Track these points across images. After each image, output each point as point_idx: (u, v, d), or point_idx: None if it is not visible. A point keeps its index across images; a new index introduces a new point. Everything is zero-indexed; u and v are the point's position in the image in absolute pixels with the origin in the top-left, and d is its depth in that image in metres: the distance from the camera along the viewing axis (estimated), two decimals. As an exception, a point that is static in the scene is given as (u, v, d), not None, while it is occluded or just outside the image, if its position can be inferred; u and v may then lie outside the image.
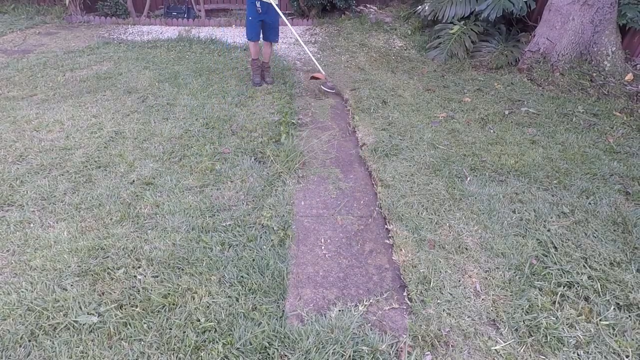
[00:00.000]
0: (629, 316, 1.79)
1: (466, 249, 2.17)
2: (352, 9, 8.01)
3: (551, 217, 2.41)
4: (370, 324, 1.76)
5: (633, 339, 1.69)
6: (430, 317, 1.78)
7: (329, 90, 4.45)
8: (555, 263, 2.06)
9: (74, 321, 1.70)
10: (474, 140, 3.32)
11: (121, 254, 2.07)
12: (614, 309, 1.82)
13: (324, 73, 4.48)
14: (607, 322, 1.76)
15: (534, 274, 2.01)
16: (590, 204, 2.54)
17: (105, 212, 2.38)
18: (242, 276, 1.96)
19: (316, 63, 4.54)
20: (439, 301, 1.86)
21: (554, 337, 1.69)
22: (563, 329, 1.72)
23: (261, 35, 4.27)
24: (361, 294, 1.94)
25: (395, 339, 1.69)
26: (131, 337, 1.65)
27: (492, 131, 3.51)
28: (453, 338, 1.70)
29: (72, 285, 1.88)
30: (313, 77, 4.47)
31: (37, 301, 1.78)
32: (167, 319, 1.73)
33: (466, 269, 2.05)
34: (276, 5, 4.00)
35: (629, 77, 4.36)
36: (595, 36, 4.48)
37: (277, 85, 4.53)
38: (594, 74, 4.44)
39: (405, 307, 1.87)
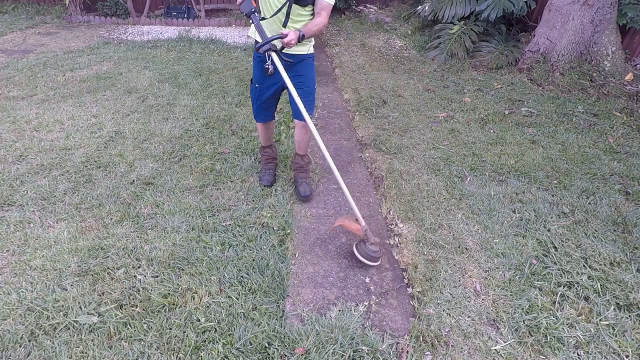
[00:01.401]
0: (629, 316, 1.79)
1: (466, 249, 2.17)
2: (352, 9, 8.02)
3: (551, 217, 2.41)
4: (370, 324, 1.76)
5: (633, 339, 1.69)
6: (430, 317, 1.78)
7: (369, 263, 2.05)
8: (555, 263, 2.06)
9: (74, 321, 1.70)
10: (474, 140, 3.32)
11: (121, 254, 2.07)
12: (614, 309, 1.82)
13: (363, 224, 2.06)
14: (607, 322, 1.76)
15: (534, 274, 2.01)
16: (590, 204, 2.54)
17: (105, 212, 2.38)
18: (242, 276, 1.96)
19: (352, 204, 2.10)
20: (439, 301, 1.86)
21: (554, 337, 1.69)
22: (563, 329, 1.72)
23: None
24: (361, 294, 1.94)
25: (395, 339, 1.69)
26: (131, 337, 1.65)
27: (492, 131, 3.51)
28: (453, 338, 1.70)
29: (72, 285, 1.88)
30: (341, 225, 2.16)
31: (37, 301, 1.78)
32: (167, 319, 1.73)
33: (466, 269, 2.05)
34: (276, 57, 2.02)
35: (629, 77, 4.36)
36: (595, 36, 4.48)
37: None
38: (594, 74, 4.44)
39: (405, 307, 1.87)
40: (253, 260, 2.05)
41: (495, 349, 1.66)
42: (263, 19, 2.12)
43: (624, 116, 3.80)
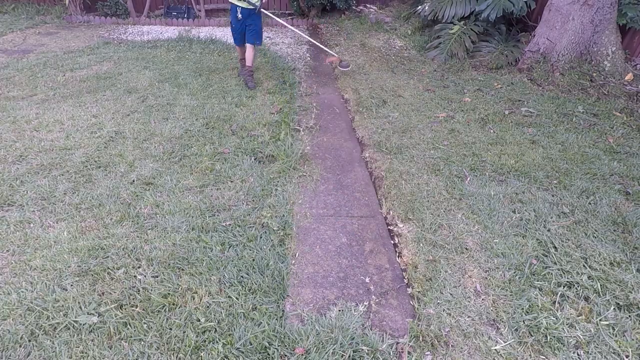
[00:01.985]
0: (629, 316, 1.79)
1: (466, 249, 2.17)
2: (352, 9, 8.01)
3: (551, 217, 2.41)
4: (370, 324, 1.77)
5: (633, 339, 1.69)
6: (430, 317, 1.78)
7: (344, 69, 4.93)
8: (555, 263, 2.06)
9: (74, 321, 1.70)
10: (474, 140, 3.32)
11: (121, 254, 2.07)
12: (614, 309, 1.82)
13: (336, 55, 4.97)
14: (607, 322, 1.76)
15: (534, 274, 2.01)
16: (590, 204, 2.54)
17: (105, 212, 2.38)
18: (242, 276, 1.96)
19: (326, 49, 5.06)
20: (439, 301, 1.86)
21: (554, 337, 1.69)
22: (563, 329, 1.72)
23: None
24: (361, 294, 1.94)
25: (395, 339, 1.69)
26: (131, 337, 1.65)
27: (492, 131, 3.51)
28: (453, 338, 1.70)
29: (72, 285, 1.88)
30: (329, 61, 5.09)
31: (37, 301, 1.78)
32: (167, 319, 1.73)
33: (466, 269, 2.05)
34: (257, 5, 4.09)
35: (629, 77, 4.36)
36: (595, 36, 4.47)
37: (278, 85, 4.53)
38: (594, 74, 4.44)
39: (405, 307, 1.87)
40: (253, 260, 2.05)
41: (495, 349, 1.66)
42: None
43: (624, 116, 3.80)
